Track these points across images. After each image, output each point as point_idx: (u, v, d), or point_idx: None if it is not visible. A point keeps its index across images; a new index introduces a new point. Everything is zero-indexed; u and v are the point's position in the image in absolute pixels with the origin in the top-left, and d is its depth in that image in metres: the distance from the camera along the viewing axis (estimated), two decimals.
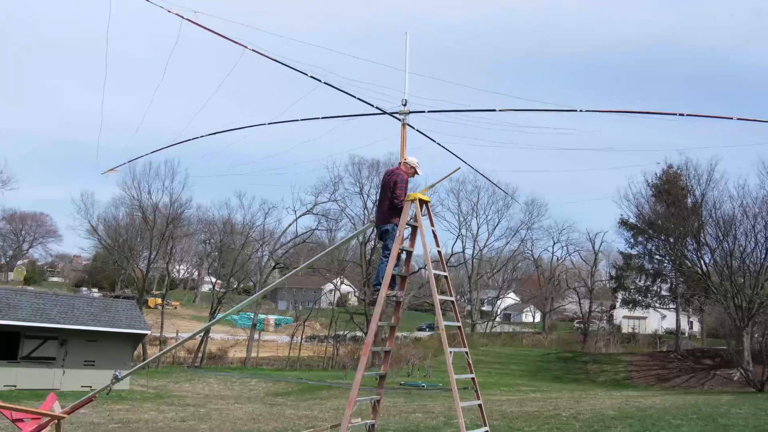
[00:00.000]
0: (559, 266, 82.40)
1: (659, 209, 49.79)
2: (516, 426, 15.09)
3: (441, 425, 15.56)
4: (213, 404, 24.54)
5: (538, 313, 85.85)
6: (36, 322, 26.19)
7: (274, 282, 24.21)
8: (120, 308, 30.52)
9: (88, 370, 27.49)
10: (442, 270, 9.05)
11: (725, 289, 41.50)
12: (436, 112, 9.11)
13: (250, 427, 16.49)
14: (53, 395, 10.09)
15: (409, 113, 9.19)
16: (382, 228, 8.97)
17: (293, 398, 29.70)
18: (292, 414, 20.03)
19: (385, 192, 9.00)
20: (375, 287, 8.91)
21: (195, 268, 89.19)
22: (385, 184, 9.09)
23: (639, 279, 55.96)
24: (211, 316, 55.02)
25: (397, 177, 8.90)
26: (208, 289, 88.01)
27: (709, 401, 24.08)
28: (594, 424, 15.33)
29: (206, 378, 37.06)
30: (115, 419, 17.97)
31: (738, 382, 40.31)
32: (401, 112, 9.18)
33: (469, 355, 8.55)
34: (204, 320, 64.17)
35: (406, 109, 9.15)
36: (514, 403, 23.50)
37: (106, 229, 64.46)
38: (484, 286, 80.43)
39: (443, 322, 8.17)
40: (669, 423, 15.33)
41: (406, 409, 20.90)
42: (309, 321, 59.05)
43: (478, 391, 8.69)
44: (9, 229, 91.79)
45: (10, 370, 25.75)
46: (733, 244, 42.12)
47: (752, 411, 18.63)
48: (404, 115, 9.19)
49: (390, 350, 9.09)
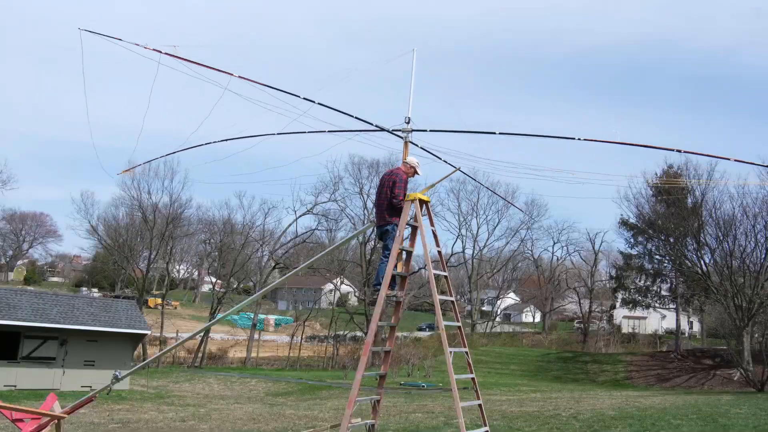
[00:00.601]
0: (559, 266, 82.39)
1: (659, 209, 49.80)
2: (516, 426, 15.09)
3: (441, 425, 15.55)
4: (213, 404, 24.54)
5: (538, 313, 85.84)
6: (36, 322, 26.18)
7: (274, 282, 24.18)
8: (120, 308, 30.50)
9: (88, 370, 27.49)
10: (442, 270, 9.05)
11: (725, 289, 41.48)
12: (438, 131, 9.29)
13: (250, 427, 16.48)
14: (53, 395, 10.08)
15: (411, 131, 9.28)
16: (382, 228, 8.95)
17: (293, 398, 29.69)
18: (292, 414, 20.02)
19: (384, 192, 8.96)
20: (375, 287, 8.90)
21: (195, 268, 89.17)
22: (384, 183, 9.06)
23: (639, 279, 55.98)
24: (211, 316, 55.00)
25: (396, 177, 8.89)
26: (208, 289, 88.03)
27: (709, 401, 24.08)
28: (594, 424, 15.33)
29: (206, 378, 37.05)
30: (115, 419, 17.96)
31: (738, 382, 40.31)
32: (404, 130, 9.28)
33: (469, 355, 8.55)
34: (204, 320, 64.18)
35: (408, 127, 9.25)
36: (514, 403, 23.49)
37: (106, 229, 64.47)
38: (484, 286, 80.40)
39: (443, 322, 8.17)
40: (669, 423, 15.33)
41: (406, 409, 20.89)
42: (309, 321, 59.03)
43: (478, 391, 8.70)
44: (9, 229, 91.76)
45: (10, 370, 25.74)
46: (733, 244, 42.14)
47: (752, 411, 18.64)
48: (407, 133, 9.29)
49: (390, 350, 9.08)
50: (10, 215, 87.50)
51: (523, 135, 9.04)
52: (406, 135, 9.30)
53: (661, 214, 48.96)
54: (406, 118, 9.25)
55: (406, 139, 9.31)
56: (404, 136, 9.31)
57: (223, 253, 58.79)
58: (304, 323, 57.14)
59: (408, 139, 9.30)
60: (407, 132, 9.28)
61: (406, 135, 9.30)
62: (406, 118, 9.25)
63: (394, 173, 9.02)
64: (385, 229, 8.89)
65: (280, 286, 72.72)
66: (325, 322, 62.52)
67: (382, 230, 8.96)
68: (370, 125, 9.33)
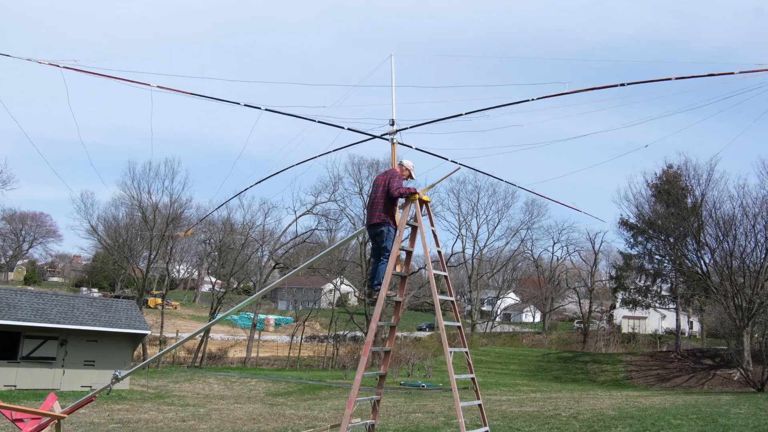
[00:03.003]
0: (559, 266, 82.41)
1: (659, 209, 49.82)
2: (516, 426, 15.09)
3: (441, 425, 15.55)
4: (213, 404, 24.54)
5: (538, 313, 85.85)
6: (36, 322, 26.19)
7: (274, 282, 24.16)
8: (120, 308, 30.51)
9: (88, 370, 27.52)
10: (442, 270, 9.04)
11: (725, 289, 41.48)
12: (417, 126, 9.45)
13: (250, 427, 16.48)
14: (53, 395, 10.09)
15: (396, 132, 9.46)
16: (376, 228, 8.77)
17: (293, 398, 29.69)
18: (292, 414, 20.02)
19: (378, 192, 8.81)
20: (373, 288, 8.83)
21: (195, 268, 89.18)
22: (378, 183, 8.89)
23: (639, 279, 55.97)
24: (211, 316, 55.02)
25: (391, 175, 8.80)
26: (208, 289, 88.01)
27: (709, 401, 24.09)
28: (594, 424, 15.33)
29: (206, 378, 37.05)
30: (115, 419, 17.96)
31: (738, 382, 40.31)
32: (389, 133, 9.48)
33: (469, 355, 8.55)
34: (204, 320, 64.22)
35: (393, 129, 9.45)
36: (514, 403, 23.49)
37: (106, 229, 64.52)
38: (484, 286, 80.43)
39: (443, 322, 8.17)
40: (669, 423, 15.33)
41: (406, 409, 20.89)
42: (309, 321, 59.03)
43: (478, 391, 8.70)
44: (9, 229, 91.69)
45: (10, 370, 25.77)
46: (733, 244, 42.12)
47: (752, 411, 18.64)
48: (392, 135, 9.48)
49: (390, 350, 9.08)
50: (10, 215, 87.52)
51: (483, 110, 9.04)
52: (392, 137, 9.44)
53: (661, 214, 48.98)
54: (390, 120, 9.42)
55: (392, 140, 9.44)
56: (390, 138, 9.45)
57: (223, 253, 58.80)
58: (304, 323, 57.15)
59: (394, 140, 9.45)
60: (392, 134, 9.44)
61: (391, 137, 9.44)
62: (391, 120, 9.42)
63: (389, 172, 8.92)
64: (380, 230, 8.73)
65: (280, 286, 72.74)
66: (325, 322, 62.53)
67: (376, 230, 8.78)
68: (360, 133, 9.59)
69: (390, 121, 9.43)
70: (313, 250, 58.16)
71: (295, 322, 62.55)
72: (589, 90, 8.33)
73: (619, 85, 8.15)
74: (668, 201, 47.75)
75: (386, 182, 8.75)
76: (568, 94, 8.47)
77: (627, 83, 8.12)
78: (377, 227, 8.79)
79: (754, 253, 42.63)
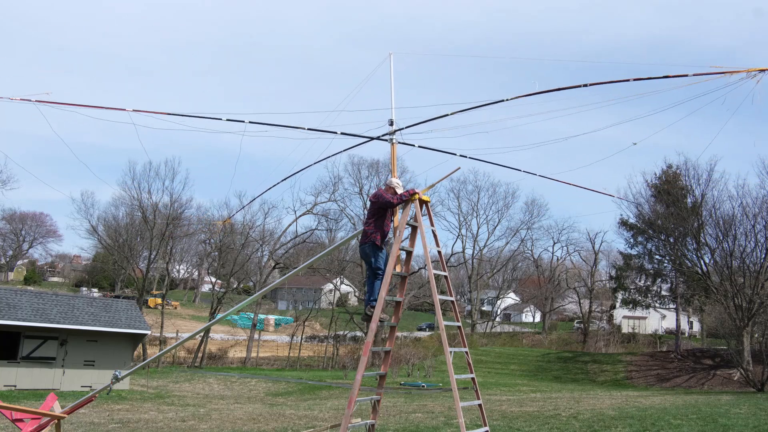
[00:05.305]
0: (559, 266, 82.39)
1: (659, 209, 49.81)
2: (516, 426, 15.08)
3: (441, 425, 15.54)
4: (213, 404, 24.54)
5: (538, 313, 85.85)
6: (36, 322, 26.19)
7: (274, 282, 24.17)
8: (120, 308, 30.50)
9: (88, 370, 27.52)
10: (442, 270, 9.04)
11: (725, 289, 41.46)
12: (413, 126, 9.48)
13: (250, 427, 16.47)
14: (53, 395, 10.09)
15: (394, 132, 9.48)
16: (363, 250, 8.82)
17: (293, 398, 29.68)
18: (292, 414, 20.01)
19: (372, 210, 8.89)
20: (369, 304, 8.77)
21: (195, 268, 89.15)
22: (372, 203, 9.01)
23: (639, 279, 55.96)
24: (211, 316, 55.00)
25: (379, 194, 8.91)
26: (208, 289, 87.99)
27: (709, 401, 24.09)
28: (594, 424, 15.32)
29: (206, 378, 37.04)
30: (115, 419, 17.95)
31: (738, 382, 40.30)
32: (388, 133, 9.49)
33: (469, 355, 8.55)
34: (204, 320, 64.21)
35: (392, 129, 9.46)
36: (514, 403, 23.49)
37: (106, 229, 64.50)
38: (484, 286, 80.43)
39: (443, 322, 8.17)
40: (669, 423, 15.32)
41: (406, 409, 20.90)
42: (309, 321, 59.03)
43: (478, 391, 8.70)
44: (9, 229, 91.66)
45: (10, 370, 25.76)
46: (733, 244, 42.09)
47: (752, 411, 18.64)
48: (391, 135, 9.47)
49: (390, 350, 9.08)
50: (10, 215, 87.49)
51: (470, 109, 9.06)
52: (391, 137, 9.45)
53: (661, 214, 48.97)
54: (389, 120, 9.43)
55: (391, 141, 9.46)
56: (389, 138, 9.46)
57: (223, 253, 58.79)
58: (304, 323, 57.15)
59: (393, 140, 9.46)
60: (391, 134, 9.44)
61: (390, 138, 9.45)
62: (389, 120, 9.43)
63: (377, 193, 9.03)
64: (365, 252, 8.76)
65: (280, 286, 72.70)
66: (325, 322, 62.51)
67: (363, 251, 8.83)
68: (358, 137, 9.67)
69: (389, 121, 9.43)
70: (313, 250, 58.16)
71: (295, 322, 62.56)
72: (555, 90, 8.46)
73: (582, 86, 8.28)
74: (668, 201, 47.74)
75: (376, 201, 8.83)
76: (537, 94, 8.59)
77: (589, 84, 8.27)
78: (361, 248, 8.89)
79: (754, 253, 42.64)
